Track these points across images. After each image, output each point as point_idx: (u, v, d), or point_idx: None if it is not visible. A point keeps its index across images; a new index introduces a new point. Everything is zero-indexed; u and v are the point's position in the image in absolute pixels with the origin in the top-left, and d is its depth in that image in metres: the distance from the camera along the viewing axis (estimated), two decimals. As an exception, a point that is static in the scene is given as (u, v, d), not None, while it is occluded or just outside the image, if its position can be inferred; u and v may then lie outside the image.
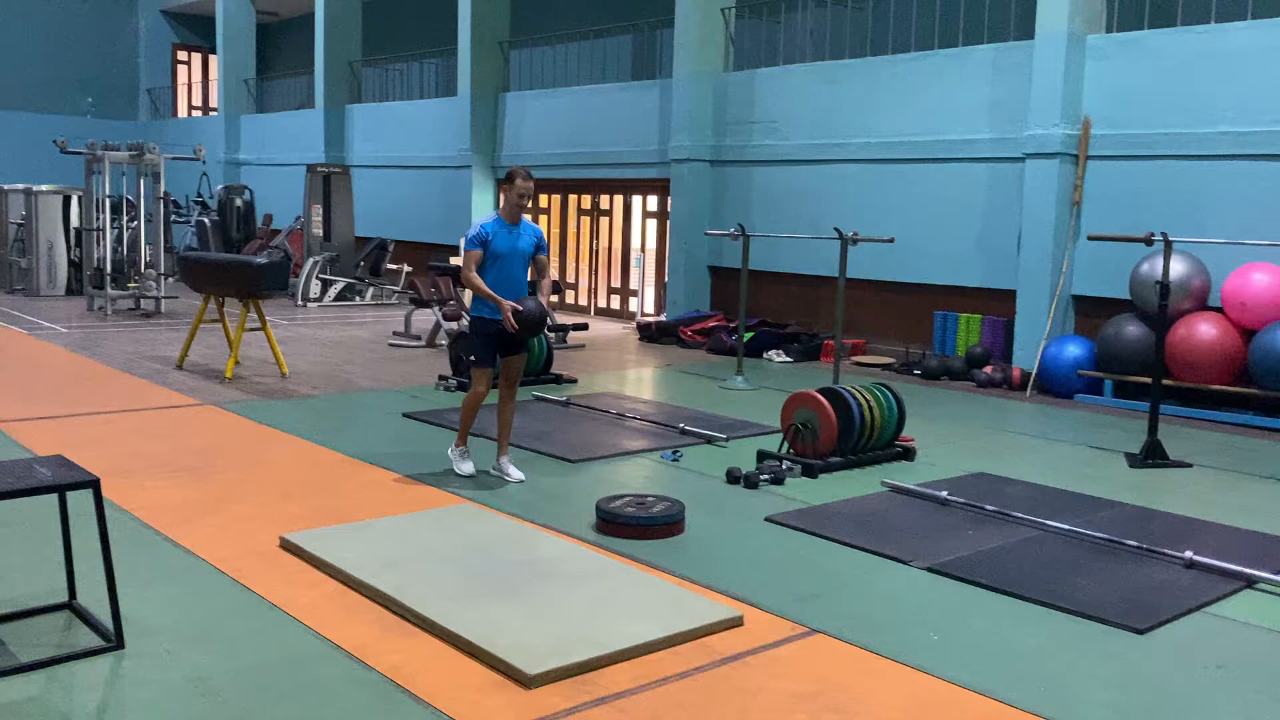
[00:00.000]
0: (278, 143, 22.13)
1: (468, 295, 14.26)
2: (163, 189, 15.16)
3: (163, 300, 14.35)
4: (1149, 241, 7.27)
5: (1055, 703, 3.56)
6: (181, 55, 28.87)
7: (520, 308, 5.97)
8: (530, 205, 17.38)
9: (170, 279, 16.07)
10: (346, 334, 13.01)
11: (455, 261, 14.92)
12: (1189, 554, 4.94)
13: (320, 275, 16.36)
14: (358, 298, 16.68)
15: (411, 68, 20.56)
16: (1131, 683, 3.78)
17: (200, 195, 20.84)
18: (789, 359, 11.81)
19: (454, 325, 11.74)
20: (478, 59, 17.02)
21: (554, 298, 14.22)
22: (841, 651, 3.95)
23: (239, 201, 18.73)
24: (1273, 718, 3.54)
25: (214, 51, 25.10)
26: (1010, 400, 9.70)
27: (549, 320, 6.71)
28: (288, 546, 4.90)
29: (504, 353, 6.24)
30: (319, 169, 17.28)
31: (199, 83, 29.02)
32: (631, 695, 3.53)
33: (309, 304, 16.08)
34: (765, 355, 11.92)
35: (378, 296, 16.79)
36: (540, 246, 6.24)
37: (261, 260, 9.59)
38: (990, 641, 4.09)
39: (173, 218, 19.27)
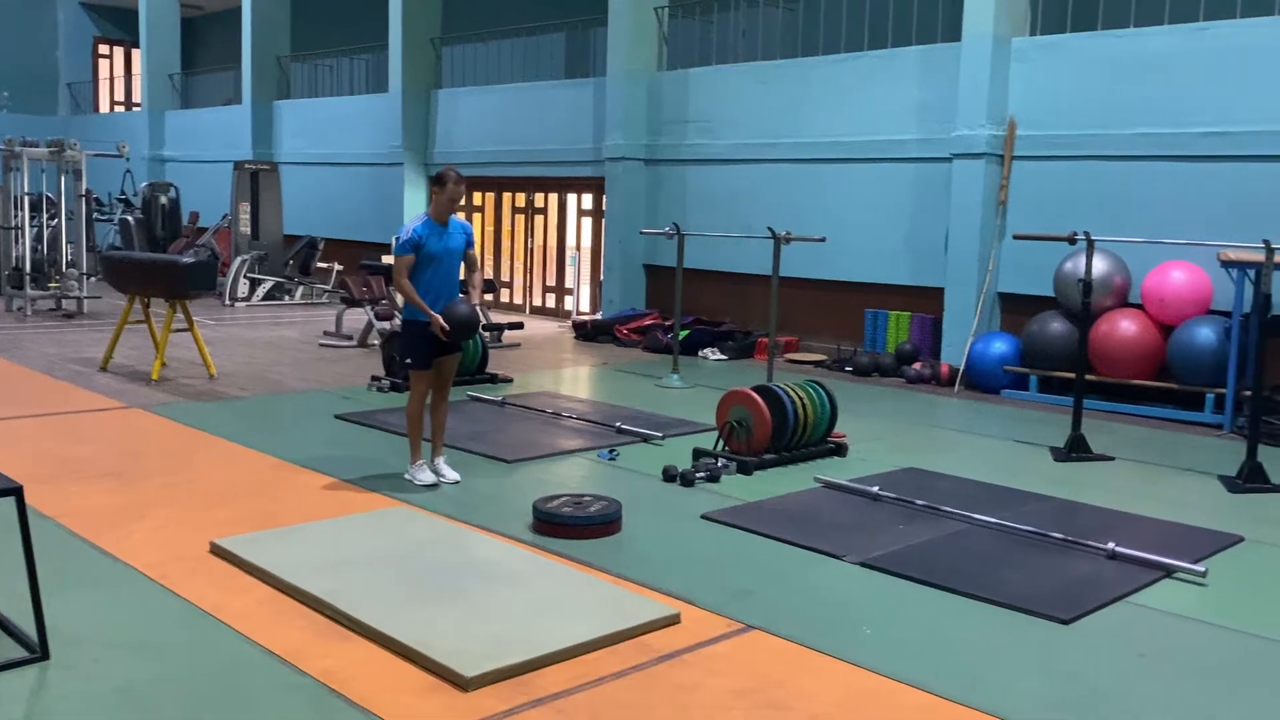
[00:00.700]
0: (203, 139, 21.68)
1: (400, 295, 14.16)
2: (84, 186, 14.78)
3: (85, 301, 13.99)
4: (1072, 240, 7.45)
5: (985, 694, 3.64)
6: (103, 49, 28.12)
7: (451, 314, 5.92)
8: (464, 203, 17.27)
9: (93, 279, 15.66)
10: (276, 334, 12.81)
11: (387, 260, 14.75)
12: (1111, 545, 5.08)
13: (248, 274, 16.07)
14: (287, 297, 16.42)
15: (341, 64, 20.27)
16: (1058, 672, 3.88)
17: (124, 193, 20.33)
18: (724, 357, 11.89)
19: (386, 325, 11.62)
20: (409, 55, 16.86)
21: (487, 296, 14.15)
22: (778, 647, 4.00)
23: (164, 199, 18.31)
24: (1191, 703, 3.66)
25: (137, 45, 24.47)
26: (939, 396, 9.88)
27: (481, 321, 6.62)
28: (218, 552, 4.81)
29: (438, 353, 6.16)
30: (247, 166, 16.97)
31: (121, 77, 28.31)
32: (569, 695, 3.54)
33: (237, 303, 15.79)
34: (700, 353, 11.99)
35: (307, 296, 16.55)
36: (469, 242, 6.21)
37: (188, 259, 9.41)
38: (922, 634, 4.17)
39: (95, 216, 18.76)
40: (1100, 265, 9.14)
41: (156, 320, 9.92)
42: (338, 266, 16.59)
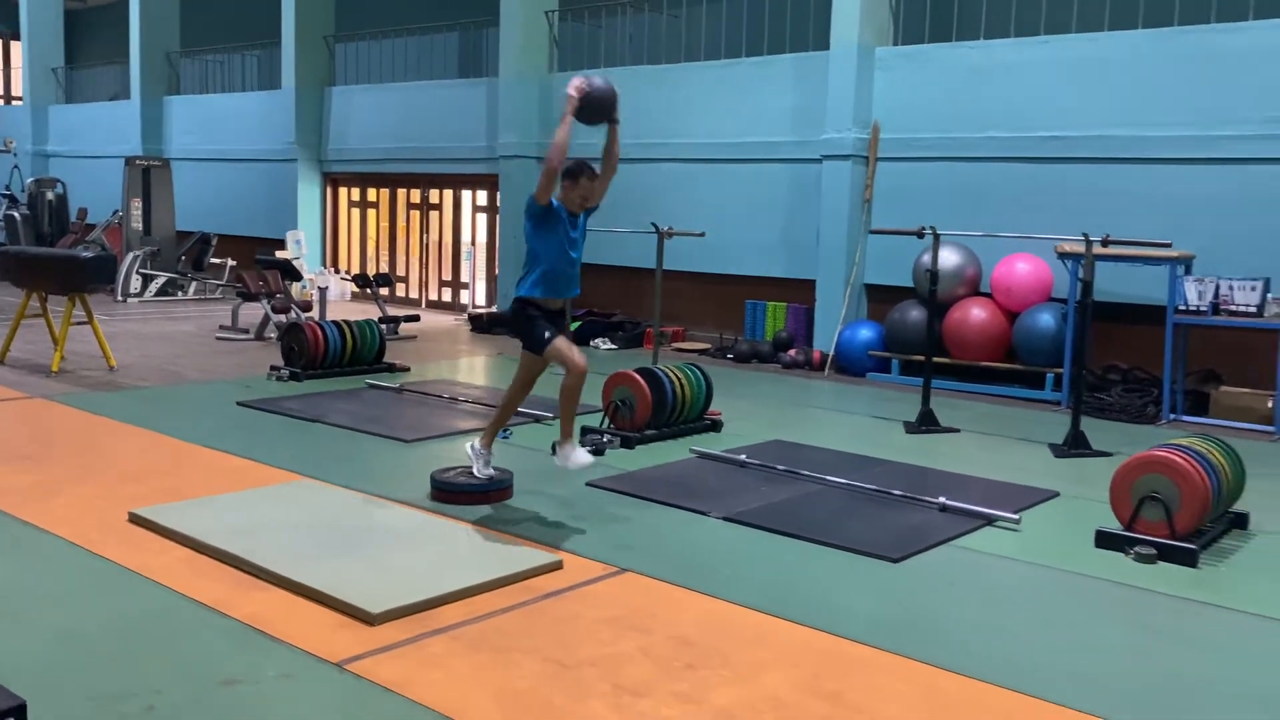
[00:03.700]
0: (90, 134, 21.41)
1: (295, 288, 14.39)
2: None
3: (-28, 296, 13.90)
4: (920, 235, 8.24)
5: (819, 616, 4.30)
6: (-21, 40, 27.39)
7: (588, 85, 5.34)
8: (359, 199, 17.55)
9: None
10: (172, 329, 12.96)
11: (282, 255, 15.00)
12: (942, 500, 5.82)
13: (141, 270, 16.08)
14: (180, 293, 16.46)
15: (232, 60, 20.26)
16: (884, 598, 4.57)
17: (8, 188, 19.99)
18: (614, 346, 12.50)
19: (283, 318, 11.91)
20: (302, 53, 17.04)
21: (383, 290, 14.46)
22: (647, 585, 4.60)
23: (50, 195, 18.14)
24: (987, 619, 4.38)
25: (17, 37, 23.97)
26: (811, 380, 10.65)
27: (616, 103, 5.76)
28: (136, 520, 5.21)
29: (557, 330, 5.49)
30: (138, 162, 16.94)
31: (0, 70, 27.59)
32: (464, 626, 4.08)
33: (129, 299, 15.80)
34: (592, 343, 12.57)
35: (201, 291, 16.61)
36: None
37: (88, 254, 9.60)
38: (772, 573, 4.82)
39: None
40: (953, 258, 10.02)
41: (54, 315, 10.07)
42: (232, 262, 16.70)
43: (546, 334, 5.32)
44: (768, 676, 3.73)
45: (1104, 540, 5.30)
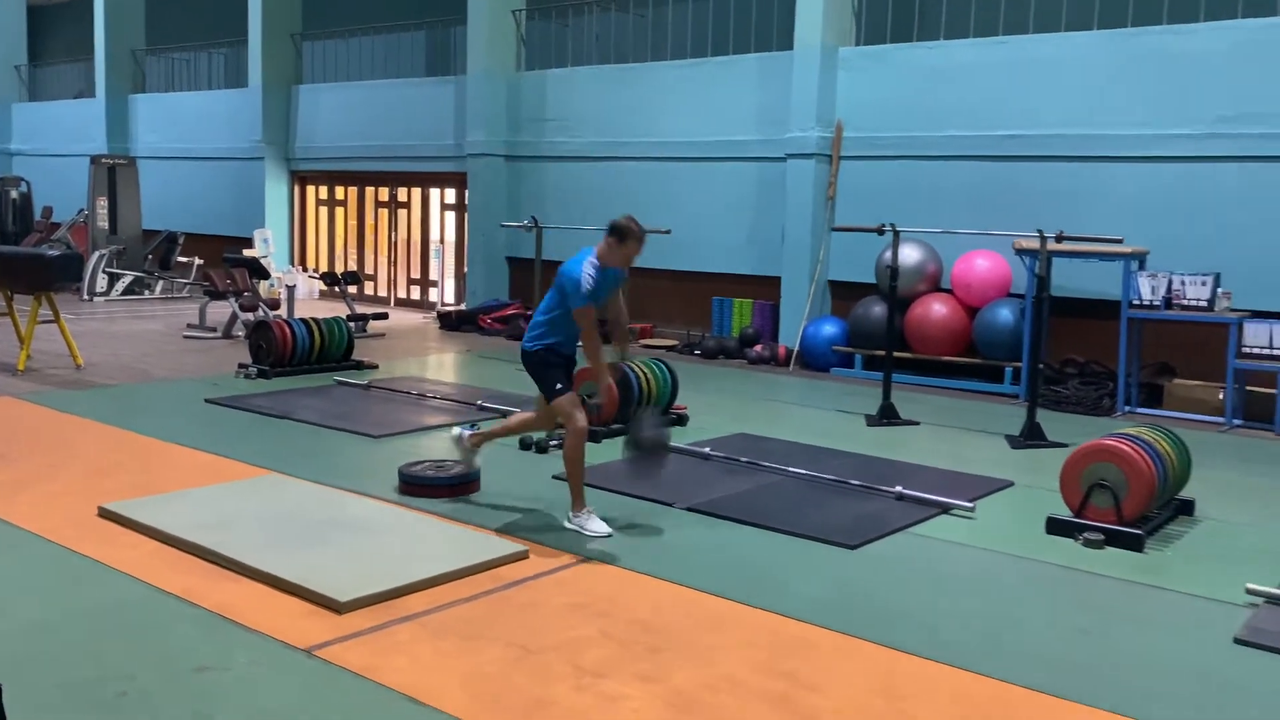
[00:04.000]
0: (55, 133, 21.25)
1: (263, 286, 14.39)
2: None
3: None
4: (880, 231, 8.40)
5: (775, 599, 4.43)
6: (-60, 37, 27.02)
7: (641, 436, 5.29)
8: (326, 197, 17.56)
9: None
10: (139, 327, 12.94)
11: (249, 253, 15.00)
12: (899, 489, 5.98)
13: (107, 269, 16.01)
14: (147, 292, 16.39)
15: (199, 58, 20.18)
16: (840, 583, 4.72)
17: (-31, 187, 19.81)
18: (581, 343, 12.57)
19: (250, 316, 11.93)
20: (269, 51, 17.02)
21: (350, 288, 14.46)
22: (610, 573, 4.72)
23: (14, 194, 18.00)
24: (937, 598, 4.53)
25: (-22, 34, 23.72)
26: (776, 375, 10.81)
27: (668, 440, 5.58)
28: (107, 515, 5.26)
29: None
30: (103, 160, 16.85)
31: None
32: (431, 614, 4.18)
33: (95, 298, 15.72)
34: (560, 340, 12.65)
35: (168, 290, 16.56)
36: (621, 280, 5.50)
37: (55, 253, 9.60)
38: (731, 559, 4.95)
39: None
40: (914, 254, 10.20)
41: (20, 314, 10.05)
42: (199, 261, 16.65)
43: (558, 386, 5.32)
44: (725, 658, 3.86)
45: (1054, 527, 5.47)
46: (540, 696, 3.51)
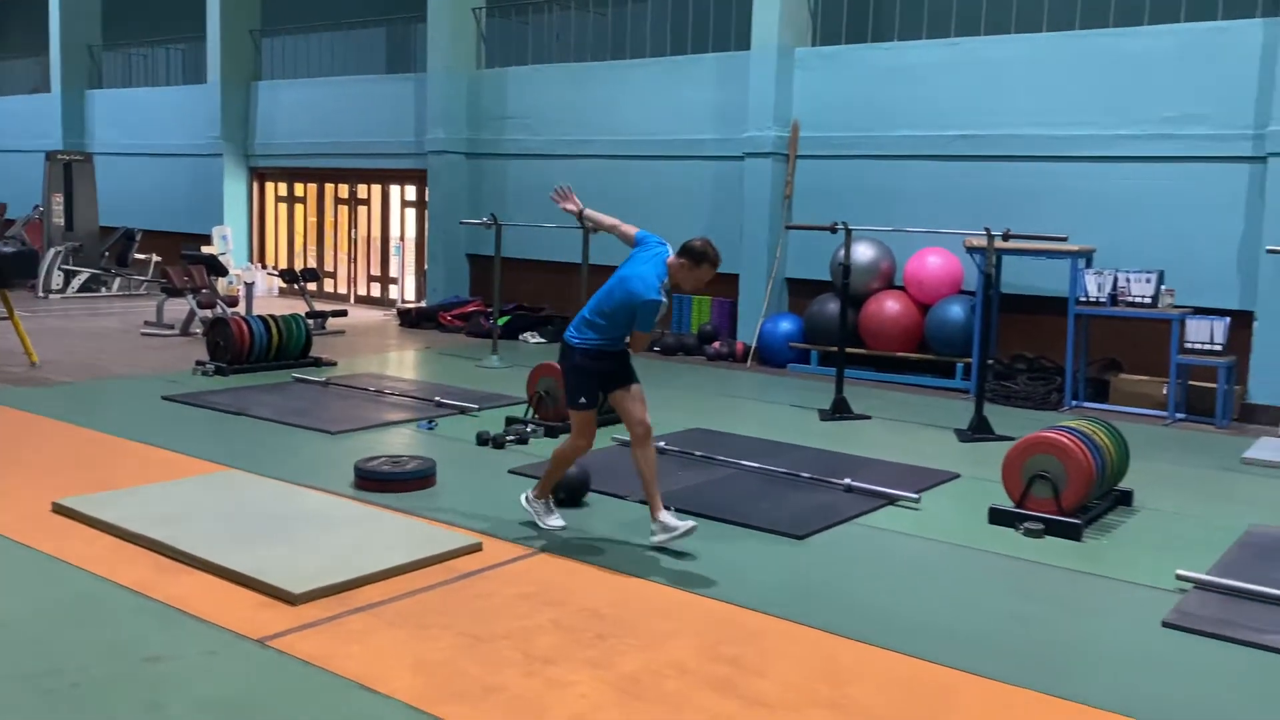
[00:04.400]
0: (8, 128, 20.98)
1: (221, 283, 14.33)
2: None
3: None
4: (834, 230, 8.54)
5: (726, 589, 4.54)
6: (-111, 30, 26.59)
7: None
8: (287, 194, 17.48)
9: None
10: (95, 324, 12.85)
11: (207, 250, 14.92)
12: (848, 481, 6.11)
13: (63, 266, 15.85)
14: (104, 289, 16.24)
15: (157, 54, 20.00)
16: (787, 571, 4.84)
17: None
18: (543, 340, 12.66)
19: (208, 313, 11.89)
20: (227, 47, 16.92)
21: (310, 286, 14.40)
22: (563, 565, 4.80)
23: (-33, 189, 17.76)
24: (881, 585, 4.66)
25: (-71, 28, 23.39)
26: (734, 371, 10.94)
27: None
28: (61, 510, 5.27)
29: (611, 387, 5.20)
30: (59, 156, 16.68)
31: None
32: (385, 605, 4.25)
33: (51, 296, 15.57)
34: (521, 337, 12.73)
35: (125, 287, 16.42)
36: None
37: (9, 249, 9.53)
38: (683, 551, 5.04)
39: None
40: (868, 252, 10.36)
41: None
42: (156, 258, 16.52)
43: (582, 400, 5.19)
44: (672, 644, 3.96)
45: (997, 517, 5.63)
46: (490, 683, 3.59)
